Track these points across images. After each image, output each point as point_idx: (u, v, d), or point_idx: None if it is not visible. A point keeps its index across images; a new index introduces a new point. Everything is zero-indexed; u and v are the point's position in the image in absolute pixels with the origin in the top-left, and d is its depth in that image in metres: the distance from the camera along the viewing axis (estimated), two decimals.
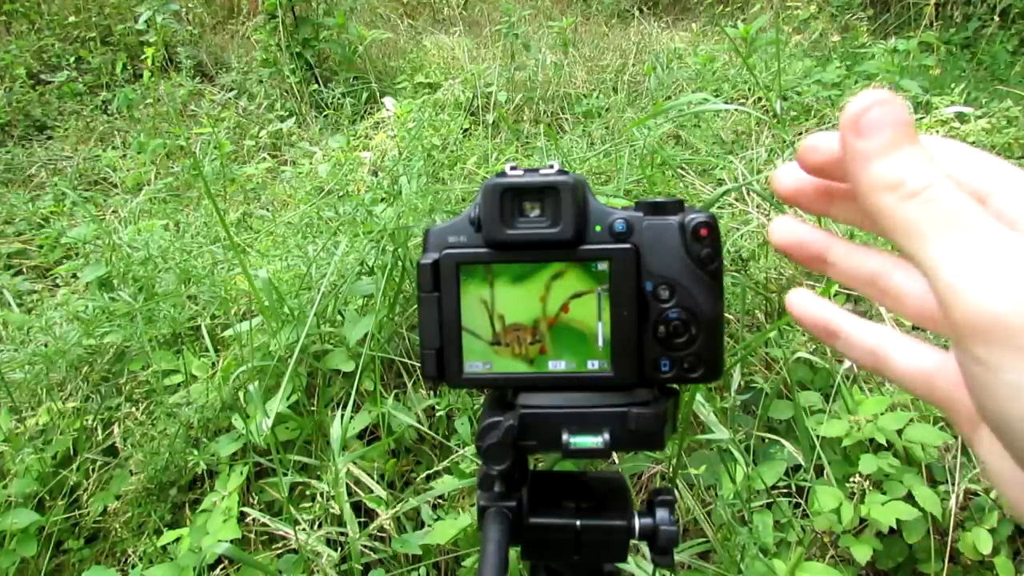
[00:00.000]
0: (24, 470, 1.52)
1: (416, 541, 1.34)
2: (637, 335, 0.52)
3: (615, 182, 2.23)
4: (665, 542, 0.54)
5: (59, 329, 1.75)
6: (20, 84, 4.09)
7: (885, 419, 1.36)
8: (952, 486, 1.37)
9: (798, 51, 3.70)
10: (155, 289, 1.91)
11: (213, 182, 2.79)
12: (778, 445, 1.44)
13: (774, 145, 2.55)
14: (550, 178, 0.51)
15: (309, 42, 3.95)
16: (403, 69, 4.15)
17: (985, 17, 4.71)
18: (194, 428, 1.56)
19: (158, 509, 1.52)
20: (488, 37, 4.65)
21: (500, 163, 2.55)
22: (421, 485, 1.48)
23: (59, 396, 1.69)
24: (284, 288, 1.69)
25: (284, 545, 1.40)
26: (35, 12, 4.79)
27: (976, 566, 1.37)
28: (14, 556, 1.44)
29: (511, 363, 0.53)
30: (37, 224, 2.79)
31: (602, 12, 5.59)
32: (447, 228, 0.54)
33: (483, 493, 0.54)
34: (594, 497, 0.57)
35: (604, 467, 1.39)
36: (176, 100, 3.80)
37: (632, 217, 0.52)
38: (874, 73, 3.13)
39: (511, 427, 0.51)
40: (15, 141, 3.77)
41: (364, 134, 3.03)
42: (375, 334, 1.57)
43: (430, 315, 0.53)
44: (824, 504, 1.32)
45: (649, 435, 0.52)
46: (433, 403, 1.57)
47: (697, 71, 3.60)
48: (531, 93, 3.60)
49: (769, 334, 1.59)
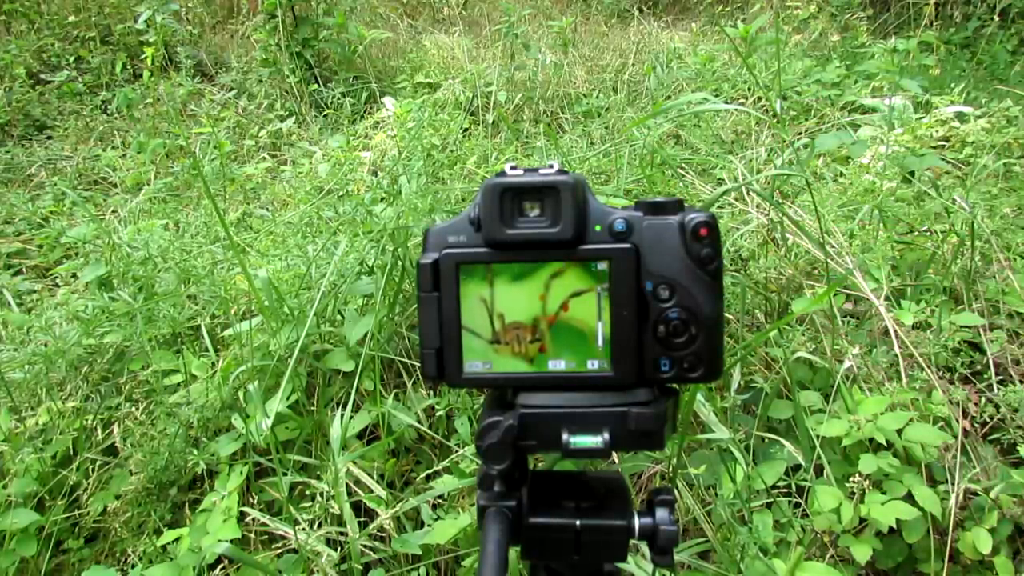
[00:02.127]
0: (24, 470, 1.52)
1: (416, 541, 1.34)
2: (637, 335, 0.52)
3: (615, 182, 2.23)
4: (665, 542, 0.54)
5: (59, 329, 1.75)
6: (20, 84, 4.09)
7: (885, 419, 1.36)
8: (952, 486, 1.37)
9: (798, 51, 3.70)
10: (155, 289, 1.91)
11: (213, 182, 2.78)
12: (778, 445, 1.44)
13: (774, 145, 2.55)
14: (550, 178, 0.51)
15: (309, 42, 3.94)
16: (403, 69, 4.15)
17: (985, 17, 4.71)
18: (194, 428, 1.56)
19: (158, 509, 1.52)
20: (488, 37, 4.65)
21: (500, 163, 2.55)
22: (421, 485, 1.48)
23: (59, 396, 1.69)
24: (284, 288, 1.69)
25: (284, 545, 1.40)
26: (35, 12, 4.78)
27: (976, 566, 1.37)
28: (14, 556, 1.44)
29: (511, 362, 0.53)
30: (37, 224, 2.79)
31: (602, 12, 5.59)
32: (447, 228, 0.54)
33: (483, 493, 0.54)
34: (594, 497, 0.57)
35: (604, 467, 1.39)
36: (176, 100, 3.80)
37: (632, 217, 0.52)
38: (874, 73, 3.13)
39: (511, 427, 0.51)
40: (15, 141, 3.77)
41: (364, 134, 3.03)
42: (375, 334, 1.57)
43: (430, 315, 0.53)
44: (824, 504, 1.32)
45: (649, 435, 0.52)
46: (433, 403, 1.57)
47: (697, 71, 3.60)
48: (531, 93, 3.60)
49: (769, 334, 1.59)
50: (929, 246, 1.86)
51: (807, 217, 1.87)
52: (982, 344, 1.63)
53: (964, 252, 1.76)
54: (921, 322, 1.61)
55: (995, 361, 1.60)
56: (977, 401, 1.55)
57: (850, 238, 1.80)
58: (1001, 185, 2.14)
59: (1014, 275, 1.73)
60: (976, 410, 1.52)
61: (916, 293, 1.74)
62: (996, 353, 1.61)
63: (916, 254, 1.86)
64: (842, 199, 1.99)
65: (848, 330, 1.66)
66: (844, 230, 1.82)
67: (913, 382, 1.50)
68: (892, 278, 1.71)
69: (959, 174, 2.18)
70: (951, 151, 2.25)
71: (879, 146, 2.03)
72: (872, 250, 1.72)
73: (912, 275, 1.80)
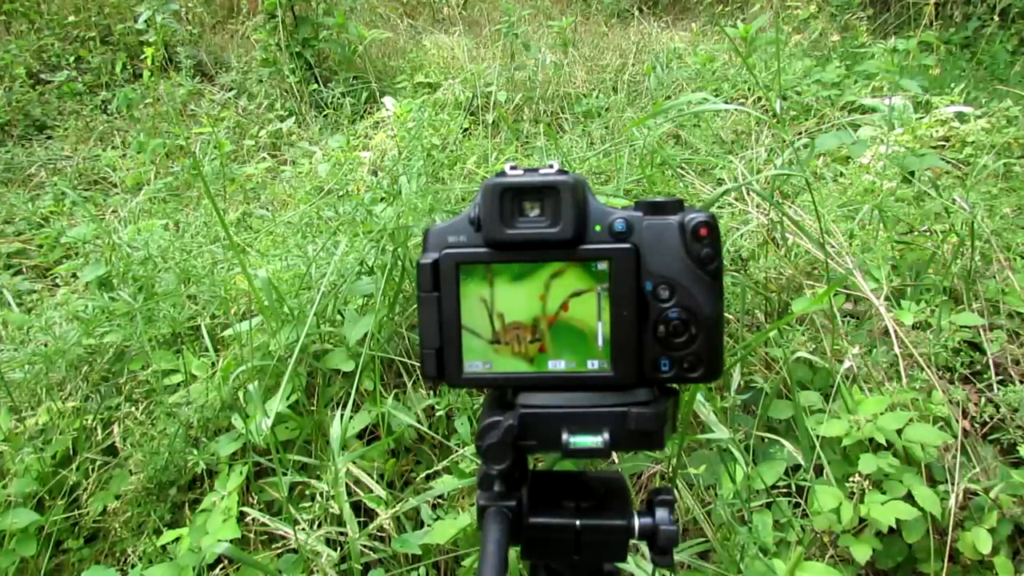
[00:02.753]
0: (24, 470, 1.52)
1: (416, 541, 1.34)
2: (637, 335, 0.52)
3: (615, 182, 2.23)
4: (665, 542, 0.54)
5: (59, 329, 1.75)
6: (20, 84, 4.09)
7: (885, 419, 1.36)
8: (952, 486, 1.37)
9: (798, 51, 3.70)
10: (155, 289, 1.91)
11: (213, 182, 2.78)
12: (778, 445, 1.44)
13: (774, 145, 2.55)
14: (550, 178, 0.51)
15: (309, 42, 3.94)
16: (403, 69, 4.15)
17: (985, 17, 4.71)
18: (194, 428, 1.56)
19: (158, 509, 1.52)
20: (488, 37, 4.65)
21: (500, 163, 2.55)
22: (421, 485, 1.48)
23: (59, 396, 1.69)
24: (284, 288, 1.69)
25: (284, 545, 1.40)
26: (35, 12, 4.78)
27: (976, 566, 1.37)
28: (14, 556, 1.44)
29: (511, 362, 0.53)
30: (37, 224, 2.79)
31: (602, 12, 5.59)
32: (447, 228, 0.54)
33: (483, 493, 0.54)
34: (594, 497, 0.57)
35: (604, 467, 1.39)
36: (176, 100, 3.80)
37: (632, 217, 0.52)
38: (874, 73, 3.13)
39: (511, 427, 0.51)
40: (15, 141, 3.77)
41: (364, 134, 3.03)
42: (375, 334, 1.57)
43: (430, 315, 0.53)
44: (824, 504, 1.32)
45: (649, 435, 0.52)
46: (433, 403, 1.57)
47: (697, 71, 3.60)
48: (531, 93, 3.60)
49: (769, 334, 1.59)
50: (929, 246, 1.86)
51: (807, 217, 1.87)
52: (982, 344, 1.63)
53: (964, 252, 1.76)
54: (921, 322, 1.61)
55: (995, 361, 1.60)
56: (977, 401, 1.55)
57: (850, 238, 1.80)
58: (1001, 185, 2.14)
59: (1014, 275, 1.73)
60: (976, 410, 1.52)
61: (916, 293, 1.74)
62: (996, 353, 1.61)
63: (916, 254, 1.86)
64: (842, 199, 1.99)
65: (848, 330, 1.66)
66: (844, 230, 1.82)
67: (913, 382, 1.50)
68: (892, 278, 1.71)
69: (959, 174, 2.18)
70: (951, 151, 2.25)
71: (879, 146, 2.03)
72: (872, 250, 1.72)
73: (912, 275, 1.80)
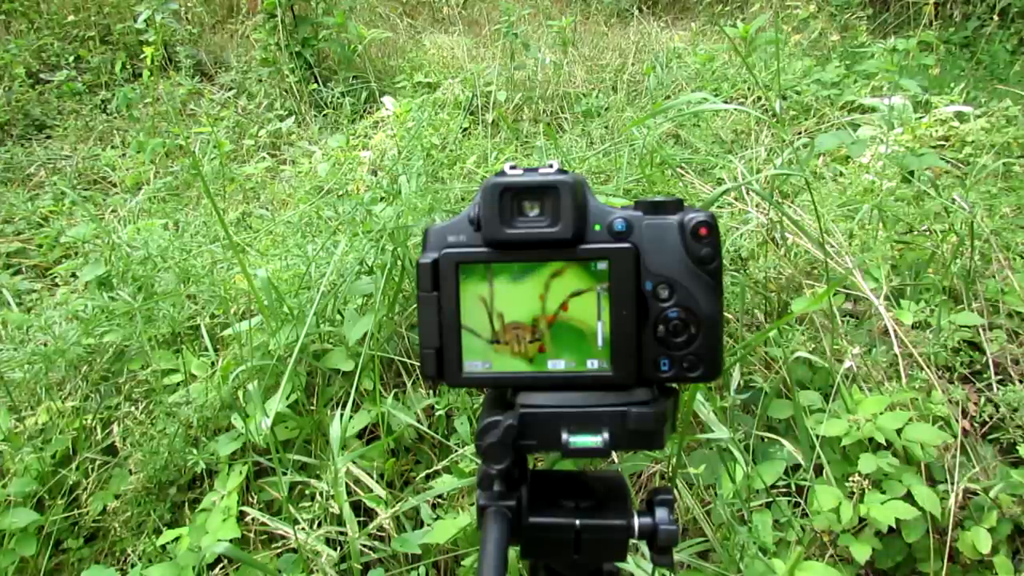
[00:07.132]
0: (23, 469, 1.52)
1: (415, 540, 1.34)
2: (636, 334, 0.52)
3: (614, 181, 2.23)
4: (664, 541, 0.54)
5: (58, 328, 1.75)
6: (19, 83, 4.08)
7: (884, 418, 1.36)
8: (951, 485, 1.37)
9: (797, 50, 3.70)
10: (154, 288, 1.90)
11: (212, 181, 2.78)
12: (777, 444, 1.44)
13: (774, 144, 2.55)
14: (549, 177, 0.51)
15: (308, 41, 3.94)
16: (402, 68, 4.14)
17: (984, 16, 4.71)
18: (193, 427, 1.56)
19: (157, 508, 1.52)
20: (487, 36, 4.65)
21: (499, 162, 2.55)
22: (420, 484, 1.48)
23: (58, 395, 1.69)
24: (283, 287, 1.69)
25: (283, 544, 1.40)
26: (34, 11, 4.78)
27: (975, 565, 1.37)
28: (13, 555, 1.44)
29: (510, 362, 0.53)
30: (36, 223, 2.79)
31: (602, 12, 5.59)
32: (447, 227, 0.54)
33: (483, 492, 0.54)
34: (593, 496, 0.57)
35: (603, 466, 1.39)
36: (175, 99, 3.80)
37: (632, 216, 0.52)
38: (873, 72, 3.13)
39: (511, 426, 0.51)
40: (14, 140, 3.76)
41: (363, 133, 3.02)
42: (374, 333, 1.57)
43: (429, 314, 0.53)
44: (823, 503, 1.32)
45: (649, 434, 0.52)
46: (432, 402, 1.57)
47: (696, 70, 3.60)
48: (530, 92, 3.60)
49: (769, 333, 1.59)
50: (928, 246, 1.86)
51: (807, 217, 1.87)
52: (982, 344, 1.63)
53: (964, 252, 1.76)
54: (921, 322, 1.61)
55: (995, 361, 1.60)
56: (976, 401, 1.55)
57: (850, 238, 1.80)
58: (1001, 185, 2.14)
59: (1013, 275, 1.73)
60: (975, 410, 1.52)
61: (916, 293, 1.74)
62: (996, 353, 1.61)
63: (915, 254, 1.86)
64: (842, 199, 1.99)
65: (848, 330, 1.66)
66: (844, 230, 1.82)
67: (913, 382, 1.50)
68: (892, 278, 1.71)
69: (959, 174, 2.18)
70: (951, 151, 2.25)
71: (879, 146, 2.03)
72: (872, 250, 1.72)
73: (912, 275, 1.80)
